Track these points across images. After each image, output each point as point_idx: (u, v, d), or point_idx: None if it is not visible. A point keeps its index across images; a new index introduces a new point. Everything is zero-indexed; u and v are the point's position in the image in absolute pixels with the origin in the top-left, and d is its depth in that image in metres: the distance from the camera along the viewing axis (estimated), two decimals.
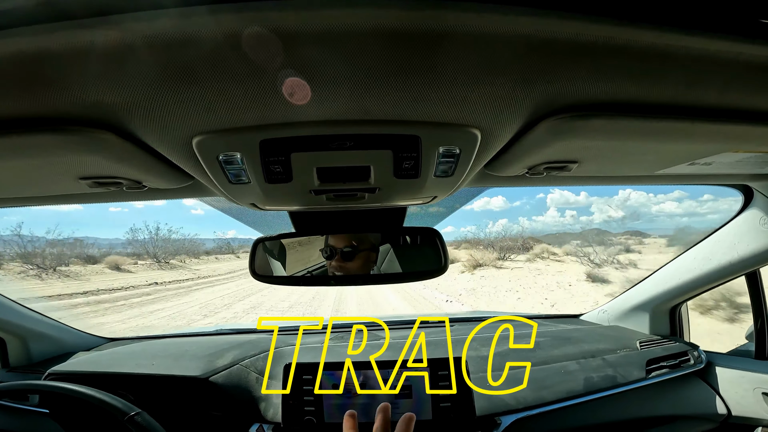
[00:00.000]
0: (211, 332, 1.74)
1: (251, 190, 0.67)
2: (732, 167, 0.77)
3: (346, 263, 1.01)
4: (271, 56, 0.35)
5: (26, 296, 7.39)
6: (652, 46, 0.36)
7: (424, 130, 0.50)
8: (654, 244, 24.41)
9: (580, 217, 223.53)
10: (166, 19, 0.31)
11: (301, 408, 1.17)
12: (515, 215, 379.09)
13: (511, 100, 0.44)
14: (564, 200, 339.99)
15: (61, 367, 1.25)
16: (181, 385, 1.19)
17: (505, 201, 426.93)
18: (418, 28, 0.32)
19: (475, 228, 49.48)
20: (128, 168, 0.59)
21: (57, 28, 0.31)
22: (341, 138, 0.51)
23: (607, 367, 1.32)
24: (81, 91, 0.40)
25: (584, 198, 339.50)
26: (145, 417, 0.93)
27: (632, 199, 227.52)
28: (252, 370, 1.28)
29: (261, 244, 1.01)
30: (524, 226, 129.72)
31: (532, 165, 0.67)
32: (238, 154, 0.53)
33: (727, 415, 1.29)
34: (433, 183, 0.67)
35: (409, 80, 0.40)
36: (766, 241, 1.11)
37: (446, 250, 0.96)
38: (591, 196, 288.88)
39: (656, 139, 0.56)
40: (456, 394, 1.17)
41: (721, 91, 0.45)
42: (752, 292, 1.32)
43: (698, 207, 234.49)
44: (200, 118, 0.45)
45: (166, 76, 0.37)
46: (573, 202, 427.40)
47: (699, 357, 1.40)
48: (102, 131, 0.47)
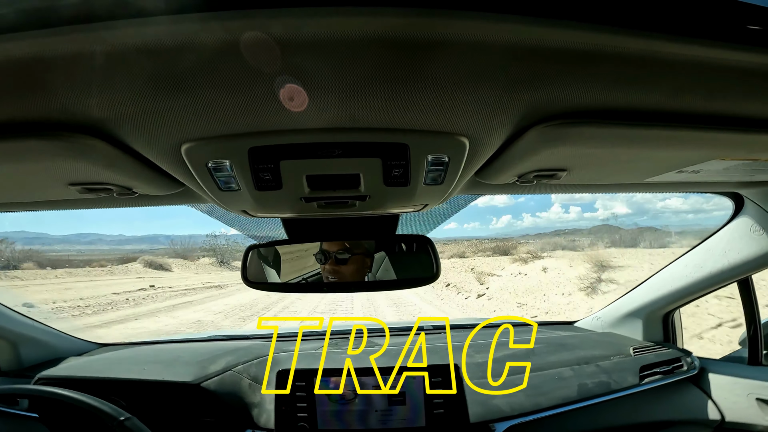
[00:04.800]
0: (204, 338, 1.73)
1: (242, 198, 0.67)
2: (720, 175, 0.78)
3: (339, 267, 1.01)
4: (260, 64, 0.35)
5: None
6: (640, 53, 0.36)
7: (413, 138, 0.50)
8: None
9: (584, 213, 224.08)
10: (155, 26, 0.31)
11: (295, 414, 1.16)
12: (519, 211, 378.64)
13: (499, 107, 0.44)
14: (569, 197, 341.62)
15: (52, 371, 1.24)
16: (173, 390, 1.18)
17: (510, 198, 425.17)
18: (406, 36, 0.32)
19: (478, 225, 49.21)
20: (117, 174, 0.59)
21: (47, 35, 0.31)
22: (330, 146, 0.51)
23: (601, 374, 1.32)
24: (69, 97, 0.40)
25: (589, 195, 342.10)
26: (135, 422, 0.92)
27: (637, 195, 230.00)
28: (245, 376, 1.27)
29: (253, 251, 1.01)
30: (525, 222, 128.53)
31: (522, 173, 0.67)
32: (227, 161, 0.53)
33: (721, 420, 1.29)
34: (424, 191, 0.67)
35: (397, 88, 0.40)
36: (757, 249, 1.12)
37: (438, 257, 0.97)
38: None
39: (645, 147, 0.56)
40: (450, 400, 1.17)
41: (709, 97, 0.45)
42: (744, 298, 1.33)
43: (704, 203, 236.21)
44: (189, 125, 0.45)
45: (155, 84, 0.37)
46: (578, 198, 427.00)
47: (692, 363, 1.40)
48: (90, 137, 0.47)
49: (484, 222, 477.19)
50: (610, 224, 30.55)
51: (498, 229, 67.22)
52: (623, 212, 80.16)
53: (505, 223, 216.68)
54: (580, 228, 38.78)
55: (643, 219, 79.84)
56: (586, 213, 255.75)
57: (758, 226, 1.10)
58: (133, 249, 51.30)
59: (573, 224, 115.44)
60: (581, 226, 47.36)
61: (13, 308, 1.43)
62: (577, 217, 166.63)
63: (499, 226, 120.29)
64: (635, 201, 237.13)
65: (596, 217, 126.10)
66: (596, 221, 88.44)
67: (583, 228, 36.95)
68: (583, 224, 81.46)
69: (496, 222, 79.58)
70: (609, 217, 55.19)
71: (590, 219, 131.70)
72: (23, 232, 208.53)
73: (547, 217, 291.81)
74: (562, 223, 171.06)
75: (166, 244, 44.30)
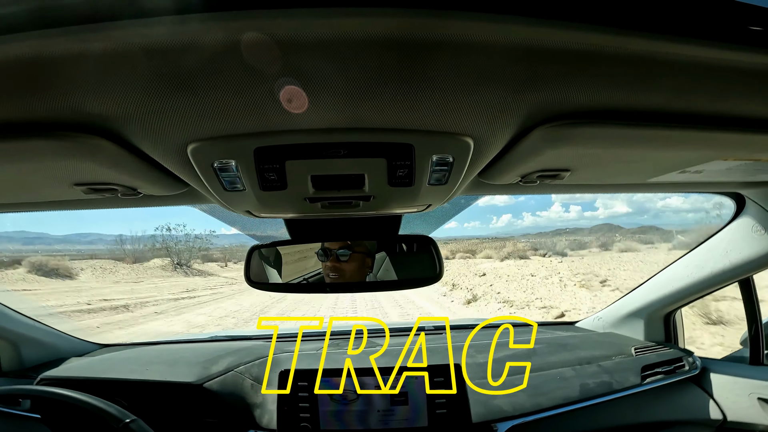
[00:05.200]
0: (206, 339, 1.73)
1: (246, 198, 0.67)
2: (723, 175, 0.78)
3: (340, 265, 1.01)
4: (265, 64, 0.35)
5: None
6: (643, 53, 0.36)
7: (418, 138, 0.50)
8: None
9: (585, 212, 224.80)
10: (161, 26, 0.31)
11: (297, 415, 1.16)
12: (519, 210, 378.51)
13: (504, 108, 0.45)
14: (569, 195, 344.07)
15: (54, 372, 1.24)
16: (176, 391, 1.18)
17: (510, 197, 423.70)
18: (411, 36, 0.32)
19: (478, 224, 49.17)
20: (123, 174, 0.59)
21: (53, 35, 0.31)
22: (335, 146, 0.51)
23: (602, 374, 1.32)
24: (76, 98, 0.40)
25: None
26: (141, 424, 0.92)
27: (638, 194, 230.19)
28: (247, 377, 1.27)
29: (256, 251, 1.01)
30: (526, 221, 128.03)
31: (526, 173, 0.67)
32: (233, 161, 0.53)
33: (723, 420, 1.30)
34: (427, 191, 0.67)
35: (402, 88, 0.40)
36: (758, 249, 1.12)
37: (441, 257, 0.97)
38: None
39: (647, 147, 0.57)
40: (452, 400, 1.17)
41: (711, 98, 0.45)
42: (746, 298, 1.33)
43: (705, 201, 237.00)
44: (195, 125, 0.45)
45: (161, 84, 0.37)
46: (578, 197, 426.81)
47: (694, 363, 1.40)
48: (96, 137, 0.48)
49: (484, 221, 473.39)
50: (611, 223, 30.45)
51: (498, 228, 66.85)
52: (624, 211, 79.82)
53: (505, 222, 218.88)
54: (581, 227, 38.83)
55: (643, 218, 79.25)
56: (586, 212, 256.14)
57: (759, 226, 1.10)
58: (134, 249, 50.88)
59: (573, 223, 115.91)
60: (582, 225, 47.51)
61: (15, 309, 1.43)
62: (578, 216, 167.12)
63: (500, 225, 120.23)
64: (636, 200, 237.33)
65: (596, 216, 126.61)
66: (597, 220, 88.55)
67: (584, 227, 37.03)
68: (583, 223, 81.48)
69: (496, 221, 78.99)
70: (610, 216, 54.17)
71: (590, 218, 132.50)
72: (23, 232, 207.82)
73: (548, 216, 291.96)
74: (562, 222, 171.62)
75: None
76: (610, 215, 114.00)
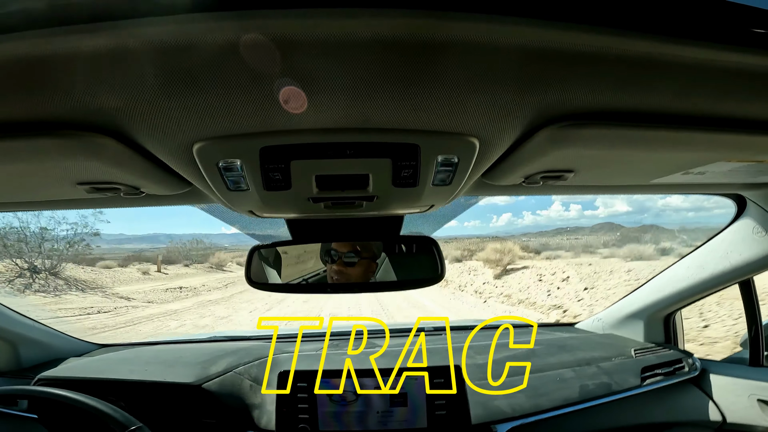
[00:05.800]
0: (205, 339, 1.72)
1: (249, 198, 0.66)
2: (725, 176, 0.78)
3: (347, 269, 1.01)
4: (271, 63, 0.35)
5: None
6: (647, 55, 0.36)
7: (423, 138, 0.50)
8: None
9: (585, 211, 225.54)
10: (167, 25, 0.31)
11: (296, 415, 1.15)
12: (519, 209, 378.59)
13: (509, 109, 0.45)
14: (570, 195, 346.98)
15: (52, 372, 1.23)
16: (174, 391, 1.18)
17: (511, 196, 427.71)
18: (416, 37, 0.32)
19: (478, 223, 49.11)
20: (126, 173, 0.59)
21: (59, 33, 0.31)
22: (341, 146, 0.51)
23: (602, 375, 1.32)
24: (81, 96, 0.40)
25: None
26: (146, 431, 0.90)
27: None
28: (246, 378, 1.26)
29: (257, 252, 1.00)
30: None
31: (529, 174, 0.67)
32: (238, 161, 0.53)
33: (722, 421, 1.30)
34: (431, 192, 0.67)
35: (408, 89, 0.40)
36: (758, 250, 1.13)
37: (443, 258, 0.97)
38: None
39: (650, 148, 0.57)
40: (452, 401, 1.17)
41: (714, 99, 0.46)
42: (746, 300, 1.33)
43: (705, 201, 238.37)
44: (201, 124, 0.45)
45: (167, 82, 0.37)
46: (579, 196, 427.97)
47: (693, 364, 1.41)
48: (101, 136, 0.47)
49: (484, 220, 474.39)
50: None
51: (498, 227, 67.16)
52: (624, 210, 79.64)
53: (505, 221, 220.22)
54: (581, 226, 38.92)
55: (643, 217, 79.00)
56: (586, 211, 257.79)
57: (760, 227, 1.10)
58: (134, 248, 50.60)
59: (574, 222, 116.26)
60: (582, 224, 47.69)
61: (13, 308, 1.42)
62: (578, 215, 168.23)
63: (500, 224, 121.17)
64: (636, 199, 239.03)
65: (596, 215, 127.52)
66: (596, 219, 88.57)
67: (584, 226, 37.16)
68: (583, 222, 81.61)
69: (496, 220, 79.38)
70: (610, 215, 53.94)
71: (590, 217, 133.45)
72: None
73: (548, 215, 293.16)
74: (562, 221, 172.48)
75: (165, 243, 42.33)
76: (610, 214, 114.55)
